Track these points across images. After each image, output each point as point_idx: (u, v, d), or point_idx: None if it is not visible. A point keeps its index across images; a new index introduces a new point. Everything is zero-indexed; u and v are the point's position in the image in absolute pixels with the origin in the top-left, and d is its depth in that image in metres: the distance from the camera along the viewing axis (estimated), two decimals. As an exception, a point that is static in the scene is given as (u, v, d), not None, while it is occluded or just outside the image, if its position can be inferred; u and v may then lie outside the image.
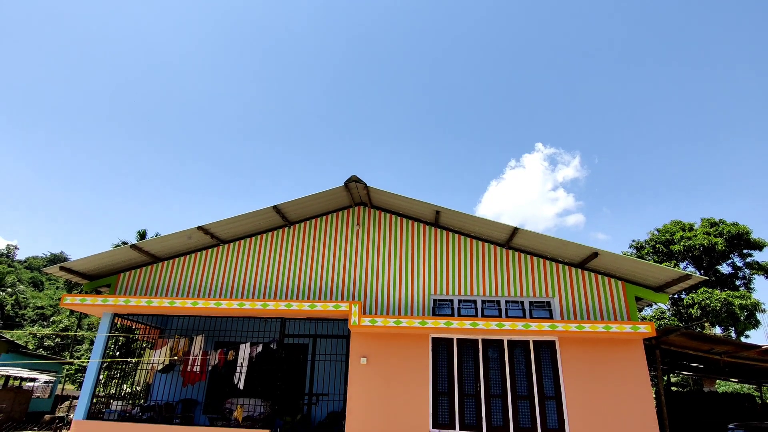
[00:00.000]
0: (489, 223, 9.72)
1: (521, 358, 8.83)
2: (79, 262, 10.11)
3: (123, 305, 9.49)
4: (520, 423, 8.35)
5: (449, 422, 8.42)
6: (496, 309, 9.98)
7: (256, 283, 10.63)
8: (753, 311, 22.85)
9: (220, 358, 9.84)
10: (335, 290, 10.32)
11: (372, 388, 8.66)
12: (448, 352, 8.94)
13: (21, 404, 19.52)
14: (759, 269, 25.54)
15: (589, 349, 8.65)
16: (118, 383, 10.89)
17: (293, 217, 10.92)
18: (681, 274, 8.77)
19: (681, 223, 27.97)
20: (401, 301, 10.01)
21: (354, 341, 9.05)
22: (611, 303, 9.63)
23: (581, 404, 8.30)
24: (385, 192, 10.01)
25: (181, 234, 10.14)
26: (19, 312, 48.49)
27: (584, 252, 9.31)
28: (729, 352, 9.57)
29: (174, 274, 10.95)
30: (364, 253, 10.62)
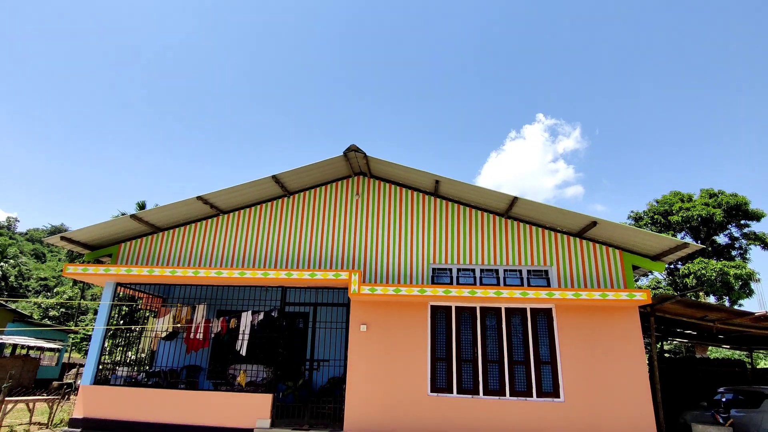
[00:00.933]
0: (488, 193, 9.71)
1: (518, 325, 9.00)
2: (80, 232, 10.15)
3: (125, 274, 9.59)
4: (516, 387, 8.58)
5: (447, 387, 8.66)
6: (494, 278, 10.09)
7: (256, 253, 10.71)
8: (747, 281, 23.14)
9: (223, 326, 10.01)
10: (335, 259, 10.41)
11: (372, 355, 8.85)
12: (447, 320, 9.09)
13: (29, 372, 19.99)
14: (756, 239, 25.72)
15: (585, 316, 8.81)
16: (123, 351, 11.12)
17: (292, 187, 10.89)
18: (678, 242, 8.83)
19: (680, 194, 27.97)
20: (400, 270, 10.12)
21: (354, 309, 9.19)
22: (608, 272, 9.74)
23: (576, 369, 8.51)
24: (384, 161, 9.96)
25: (181, 204, 10.13)
26: (22, 283, 49.03)
27: (583, 221, 9.35)
28: (722, 319, 9.74)
29: (174, 244, 11.01)
30: (364, 222, 10.65)
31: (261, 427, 8.68)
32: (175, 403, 8.97)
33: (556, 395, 8.44)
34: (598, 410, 8.21)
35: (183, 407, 8.91)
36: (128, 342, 11.21)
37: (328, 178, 11.03)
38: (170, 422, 8.79)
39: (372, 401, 8.56)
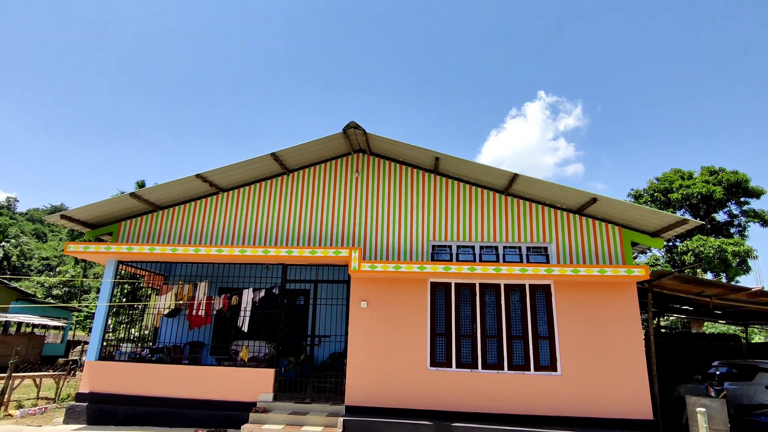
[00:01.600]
0: (488, 170, 9.67)
1: (517, 301, 9.09)
2: (80, 210, 10.15)
3: (126, 252, 9.64)
4: (514, 361, 8.72)
5: (446, 361, 8.80)
6: (493, 254, 10.14)
7: (256, 231, 10.74)
8: (745, 258, 23.31)
9: (224, 303, 10.12)
10: (335, 237, 10.44)
11: (372, 330, 8.97)
12: (446, 296, 9.18)
13: (35, 349, 20.30)
14: (755, 217, 25.78)
15: (583, 292, 8.89)
16: (126, 328, 11.27)
17: (292, 164, 10.84)
18: (677, 219, 8.85)
19: (681, 171, 27.90)
20: (400, 247, 10.16)
21: (354, 286, 9.27)
22: (607, 248, 9.78)
23: (573, 344, 8.64)
24: (384, 138, 9.88)
25: (180, 182, 10.10)
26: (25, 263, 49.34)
27: (583, 198, 9.34)
28: (719, 295, 9.83)
29: (175, 222, 11.03)
30: (364, 200, 10.65)
31: (264, 401, 8.86)
32: (180, 377, 9.14)
33: (554, 369, 8.58)
34: (594, 383, 8.37)
35: (187, 382, 9.08)
36: (131, 319, 11.35)
37: (328, 155, 10.97)
38: (175, 396, 8.98)
39: (372, 375, 8.71)
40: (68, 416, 8.95)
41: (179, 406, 8.88)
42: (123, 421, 8.84)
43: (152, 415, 8.83)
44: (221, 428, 8.52)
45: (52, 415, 9.77)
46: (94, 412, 8.93)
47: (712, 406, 7.68)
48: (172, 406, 8.90)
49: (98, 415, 8.90)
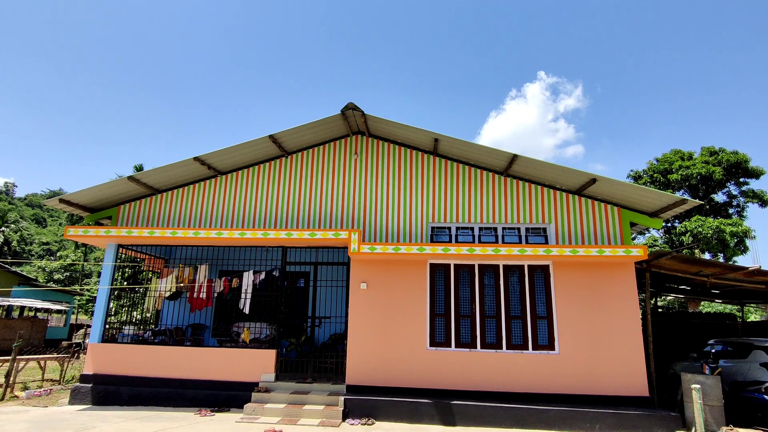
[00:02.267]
0: (488, 151, 9.63)
1: (516, 282, 9.15)
2: (78, 194, 10.12)
3: (126, 236, 9.65)
4: (513, 341, 8.84)
5: (446, 341, 8.91)
6: (492, 236, 10.17)
7: (256, 213, 10.74)
8: (743, 238, 23.41)
9: (225, 286, 10.18)
10: (335, 219, 10.45)
11: (372, 311, 9.05)
12: (446, 277, 9.24)
13: (38, 332, 20.48)
14: (754, 197, 25.80)
15: (582, 272, 8.95)
16: (128, 311, 11.36)
17: (290, 147, 10.78)
18: (677, 198, 8.85)
19: (680, 152, 27.79)
20: (400, 229, 10.18)
21: (354, 268, 9.32)
22: (606, 229, 9.81)
23: (571, 323, 8.74)
24: (382, 119, 9.81)
25: (178, 165, 10.06)
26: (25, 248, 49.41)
27: (582, 178, 9.32)
28: (716, 274, 9.91)
29: (174, 206, 11.02)
30: (363, 182, 10.62)
31: (266, 381, 9.00)
32: (182, 359, 9.26)
33: (551, 348, 8.70)
34: (591, 361, 8.50)
35: (190, 363, 9.20)
36: (133, 302, 11.44)
37: (326, 137, 10.90)
38: (178, 377, 9.11)
39: (373, 355, 8.83)
40: (73, 397, 9.09)
41: (183, 387, 9.02)
42: (128, 401, 8.98)
43: (157, 396, 8.97)
44: (224, 408, 8.67)
45: (58, 397, 9.92)
46: (99, 393, 9.06)
47: (707, 383, 7.81)
48: (175, 386, 9.04)
49: (103, 395, 9.04)
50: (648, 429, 7.65)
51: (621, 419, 7.73)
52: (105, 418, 7.91)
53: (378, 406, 8.22)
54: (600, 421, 7.76)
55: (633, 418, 7.74)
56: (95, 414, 8.23)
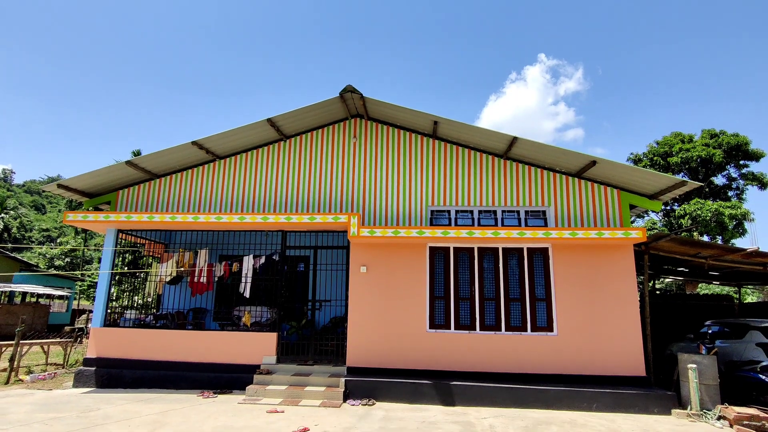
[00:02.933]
0: (487, 133, 9.58)
1: (515, 264, 9.19)
2: (76, 179, 10.09)
3: (125, 221, 9.65)
4: (512, 322, 8.91)
5: (445, 323, 8.98)
6: (492, 219, 10.18)
7: (255, 198, 10.73)
8: (742, 221, 23.44)
9: (225, 270, 10.22)
10: (334, 202, 10.45)
11: (372, 294, 9.11)
12: (445, 260, 9.28)
13: (41, 317, 20.63)
14: (753, 180, 25.76)
15: (581, 255, 8.98)
16: (129, 296, 11.43)
17: (288, 130, 10.71)
18: (676, 180, 8.84)
19: (681, 134, 27.65)
20: (399, 212, 10.19)
21: (353, 251, 9.35)
22: (605, 211, 9.82)
23: (570, 305, 8.80)
24: (381, 102, 9.73)
25: (176, 149, 10.00)
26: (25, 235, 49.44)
27: (582, 161, 9.29)
28: (714, 256, 9.95)
29: (173, 190, 11.00)
30: (362, 165, 10.59)
31: (267, 363, 9.10)
32: (185, 342, 9.34)
33: (550, 329, 8.78)
34: (589, 342, 8.59)
35: (192, 346, 9.29)
36: (134, 287, 11.50)
37: (325, 121, 10.82)
38: (180, 360, 9.20)
39: (373, 338, 8.91)
40: (77, 380, 9.20)
41: (185, 370, 9.12)
42: (131, 384, 9.09)
43: (160, 379, 9.08)
44: (227, 390, 8.78)
45: (62, 380, 10.04)
46: (102, 376, 9.17)
47: (703, 363, 7.90)
48: (178, 369, 9.14)
49: (107, 378, 9.15)
50: (644, 408, 7.78)
51: (618, 398, 7.85)
52: (109, 400, 8.02)
53: (378, 387, 8.32)
54: (597, 400, 7.87)
55: (630, 397, 7.86)
56: (99, 396, 8.34)
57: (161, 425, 6.41)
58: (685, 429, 6.90)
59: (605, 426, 6.92)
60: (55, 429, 6.14)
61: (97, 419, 6.71)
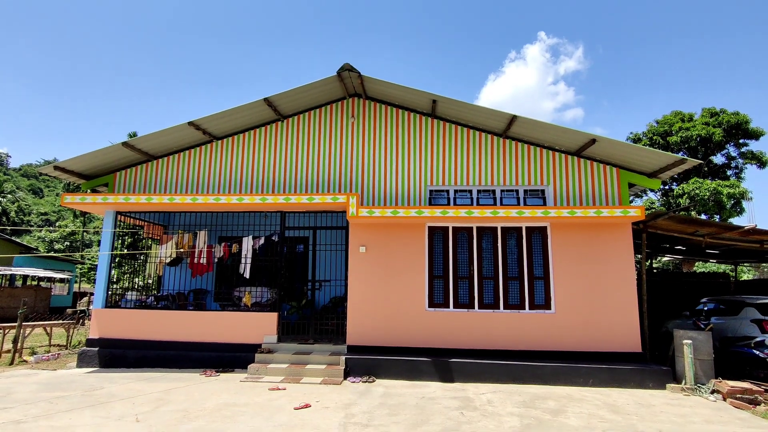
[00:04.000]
0: (486, 112, 9.50)
1: (513, 243, 9.23)
2: (73, 161, 10.02)
3: (123, 203, 9.62)
4: (510, 301, 9.00)
5: (444, 302, 9.07)
6: (491, 198, 10.18)
7: (253, 179, 10.69)
8: (740, 200, 23.45)
9: (225, 251, 10.25)
10: (332, 183, 10.42)
11: (371, 274, 9.16)
12: (444, 240, 9.31)
13: (42, 300, 20.76)
14: (752, 158, 25.69)
15: (579, 233, 9.02)
16: (130, 277, 11.49)
17: (286, 110, 10.61)
18: (676, 158, 8.82)
19: (681, 113, 27.45)
20: (398, 192, 10.17)
21: (353, 232, 9.36)
22: (604, 190, 9.81)
23: (568, 283, 8.88)
24: (379, 81, 9.61)
25: (172, 130, 9.92)
26: (24, 219, 49.36)
27: (582, 139, 9.25)
28: (712, 234, 9.99)
29: (170, 172, 10.94)
30: (360, 145, 10.53)
31: (268, 342, 9.21)
32: (186, 322, 9.43)
33: (548, 307, 8.87)
34: (586, 319, 8.69)
35: (194, 326, 9.38)
36: (134, 269, 11.55)
37: (322, 100, 10.71)
38: (182, 340, 9.31)
39: (373, 317, 9.00)
40: (81, 360, 9.32)
41: (187, 349, 9.23)
42: (134, 363, 9.21)
43: (162, 358, 9.19)
44: (228, 368, 8.90)
45: (66, 360, 10.16)
46: (105, 356, 9.28)
47: (698, 338, 8.02)
48: (180, 349, 9.25)
49: (110, 358, 9.26)
50: (640, 382, 7.92)
51: (614, 374, 7.98)
52: (113, 379, 8.14)
53: (378, 364, 8.45)
54: (594, 375, 8.01)
55: (625, 372, 7.99)
56: (103, 376, 8.46)
57: (165, 403, 6.52)
58: (679, 402, 7.04)
59: (601, 400, 7.05)
60: (60, 407, 6.24)
61: (102, 397, 6.82)
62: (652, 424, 5.82)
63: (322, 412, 6.12)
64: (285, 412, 6.12)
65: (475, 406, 6.55)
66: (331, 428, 5.43)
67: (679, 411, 6.51)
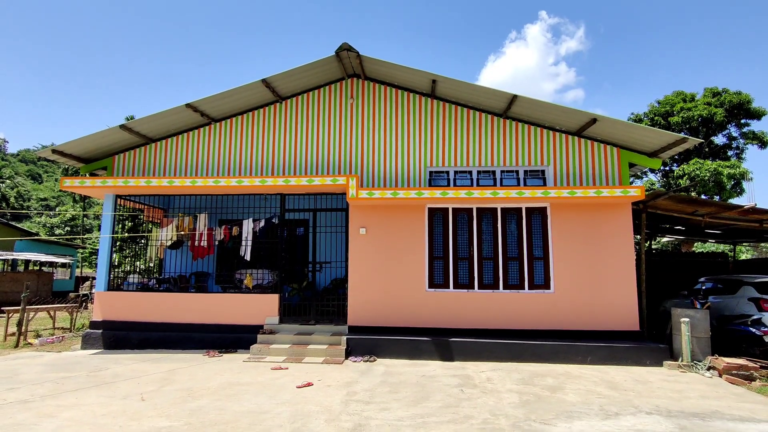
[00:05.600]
0: (487, 91, 9.41)
1: (513, 224, 9.25)
2: (71, 144, 9.97)
3: (123, 186, 9.60)
4: (509, 281, 9.06)
5: (444, 282, 9.13)
6: (491, 179, 10.16)
7: (252, 161, 10.64)
8: (740, 180, 23.42)
9: (225, 234, 10.27)
10: (332, 165, 10.38)
11: (371, 256, 9.20)
12: (444, 221, 9.32)
13: (45, 284, 20.89)
14: (753, 138, 25.57)
15: (579, 213, 9.03)
16: (132, 261, 11.53)
17: (284, 91, 10.50)
18: (677, 137, 8.77)
19: (683, 93, 27.21)
20: (398, 174, 10.14)
21: (353, 213, 9.37)
22: (604, 170, 9.78)
23: (567, 263, 8.92)
24: (378, 61, 9.50)
25: (170, 112, 9.84)
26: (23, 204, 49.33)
27: (582, 118, 9.18)
28: (712, 213, 10.00)
29: (169, 155, 10.89)
30: (360, 126, 10.45)
31: (270, 323, 9.30)
32: (189, 304, 9.51)
33: (547, 287, 8.94)
34: (585, 299, 8.77)
35: (196, 308, 9.46)
36: (136, 253, 11.59)
37: (321, 81, 10.60)
38: (185, 322, 9.40)
39: (373, 297, 9.08)
40: (85, 342, 9.42)
41: (190, 331, 9.33)
42: (138, 345, 9.32)
43: (165, 340, 9.30)
44: (231, 349, 9.01)
45: (70, 343, 10.28)
46: (109, 338, 9.38)
47: (696, 317, 8.10)
48: (183, 330, 9.34)
49: (113, 340, 9.37)
50: (637, 360, 8.03)
51: (612, 351, 8.09)
52: (117, 360, 8.24)
53: (379, 344, 8.55)
54: (592, 353, 8.11)
55: (623, 350, 8.10)
56: (107, 357, 8.56)
57: (169, 382, 6.62)
58: (675, 378, 7.15)
59: (599, 377, 7.16)
60: (66, 387, 6.33)
61: (107, 378, 6.92)
62: (649, 399, 5.92)
63: (324, 390, 6.22)
64: (288, 390, 6.21)
65: (475, 384, 6.65)
66: (334, 405, 5.52)
67: (675, 387, 6.62)
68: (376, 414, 5.21)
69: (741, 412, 5.42)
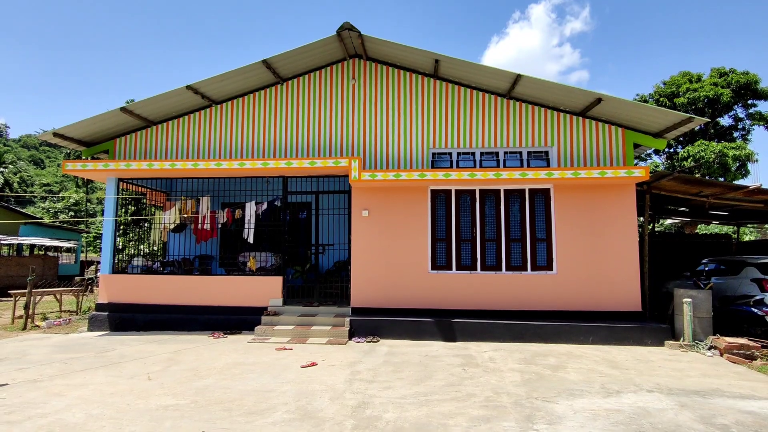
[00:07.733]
0: (490, 71, 9.28)
1: (516, 206, 9.22)
2: (72, 127, 9.92)
3: (124, 169, 9.59)
4: (512, 263, 9.07)
5: (447, 264, 9.15)
6: (494, 160, 10.09)
7: (254, 143, 10.59)
8: (745, 162, 23.21)
9: (228, 217, 10.29)
10: (334, 147, 10.32)
11: (374, 238, 9.21)
12: (447, 203, 9.30)
13: (50, 269, 21.05)
14: (760, 119, 25.26)
15: (582, 195, 8.98)
16: (135, 244, 11.60)
17: (285, 73, 10.39)
18: (683, 116, 8.65)
19: (689, 74, 26.78)
20: (400, 155, 10.09)
21: (355, 196, 9.35)
22: (609, 150, 9.69)
23: (570, 244, 8.92)
24: (380, 40, 9.35)
25: (170, 94, 9.76)
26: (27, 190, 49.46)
27: (587, 98, 9.06)
28: (716, 194, 9.94)
29: (170, 137, 10.84)
30: (362, 108, 10.36)
31: (274, 305, 9.38)
32: (193, 287, 9.58)
33: (550, 268, 8.95)
34: (588, 280, 8.78)
35: (200, 291, 9.54)
36: (139, 237, 11.64)
37: (323, 62, 10.46)
38: (190, 304, 9.48)
39: (376, 279, 9.11)
40: (92, 324, 9.53)
41: (195, 313, 9.42)
42: (143, 327, 9.42)
43: (171, 321, 9.39)
44: (236, 330, 9.11)
45: (77, 325, 10.40)
46: (115, 320, 9.48)
47: (698, 297, 8.11)
48: (188, 312, 9.43)
49: (119, 322, 9.47)
50: (639, 340, 8.07)
51: (614, 332, 8.13)
52: (124, 341, 8.34)
53: (382, 325, 8.62)
54: (594, 334, 8.16)
55: (625, 330, 8.14)
56: (114, 338, 8.67)
57: (175, 363, 6.71)
58: (677, 358, 7.19)
59: (600, 356, 7.21)
60: (74, 367, 6.43)
61: (114, 358, 7.01)
62: (650, 378, 5.96)
63: (328, 370, 6.29)
64: (292, 370, 6.29)
65: (477, 363, 6.72)
66: (338, 384, 5.59)
67: (676, 366, 6.67)
68: (379, 392, 5.27)
69: (741, 390, 5.46)
